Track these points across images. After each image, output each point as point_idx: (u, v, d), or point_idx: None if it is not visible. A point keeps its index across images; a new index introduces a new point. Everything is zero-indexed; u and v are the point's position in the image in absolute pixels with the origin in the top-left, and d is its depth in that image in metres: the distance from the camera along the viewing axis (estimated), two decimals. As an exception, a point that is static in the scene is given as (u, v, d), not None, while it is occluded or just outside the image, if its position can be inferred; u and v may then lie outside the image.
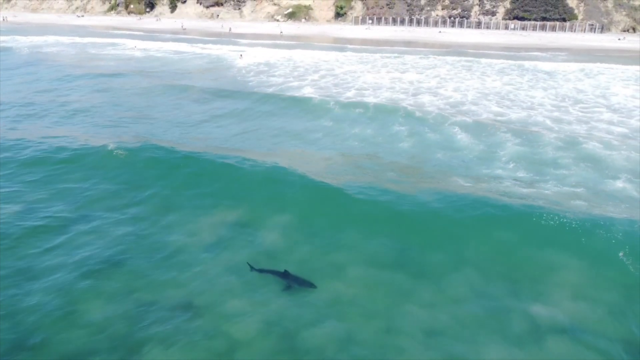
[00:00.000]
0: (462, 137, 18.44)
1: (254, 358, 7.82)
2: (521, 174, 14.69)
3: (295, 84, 29.81)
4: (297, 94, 27.13)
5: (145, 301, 9.09)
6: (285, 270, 9.59)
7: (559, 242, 10.97)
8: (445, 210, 12.27)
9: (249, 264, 9.98)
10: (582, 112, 23.57)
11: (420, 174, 14.91)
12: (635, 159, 15.31)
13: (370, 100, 25.36)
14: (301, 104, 24.34)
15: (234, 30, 75.72)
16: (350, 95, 27.40)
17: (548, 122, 20.36)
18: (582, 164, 14.97)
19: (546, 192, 13.41)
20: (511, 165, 15.38)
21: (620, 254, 10.53)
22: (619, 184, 13.76)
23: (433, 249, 10.80)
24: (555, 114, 22.74)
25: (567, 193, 13.36)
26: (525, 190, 13.52)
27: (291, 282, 9.47)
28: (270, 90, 28.57)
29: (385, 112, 22.42)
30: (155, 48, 52.78)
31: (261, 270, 9.90)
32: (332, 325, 8.50)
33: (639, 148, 15.87)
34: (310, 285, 9.40)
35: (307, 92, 27.75)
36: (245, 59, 42.73)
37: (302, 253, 10.76)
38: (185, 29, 78.37)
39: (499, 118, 21.84)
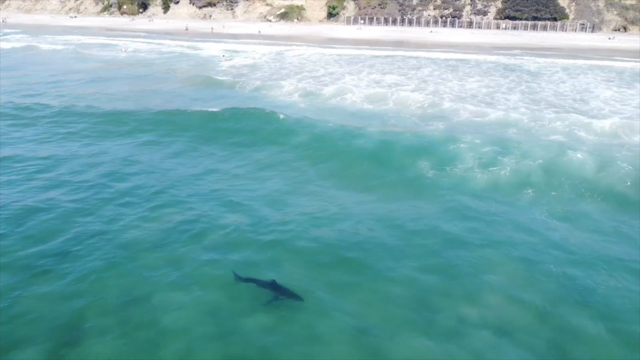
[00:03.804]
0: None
1: (183, 346, 8.02)
2: (467, 182, 14.84)
3: (273, 92, 29.18)
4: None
5: (89, 291, 9.31)
6: (273, 281, 9.40)
7: (495, 240, 11.26)
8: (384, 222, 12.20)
9: (234, 273, 9.78)
10: (554, 114, 23.20)
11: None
12: (587, 169, 15.23)
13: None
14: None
15: (226, 31, 75.40)
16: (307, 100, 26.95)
17: (514, 130, 19.99)
18: (529, 170, 15.20)
19: (487, 196, 13.68)
20: (455, 171, 15.58)
21: (553, 254, 10.65)
22: (560, 191, 13.94)
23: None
24: (525, 120, 22.20)
25: (506, 195, 13.68)
26: (465, 194, 13.88)
27: (279, 293, 9.25)
28: (246, 91, 28.71)
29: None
30: (148, 49, 52.78)
31: (247, 280, 9.63)
32: (263, 318, 8.67)
33: (596, 159, 15.74)
34: (297, 298, 9.16)
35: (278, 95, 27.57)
36: (232, 59, 42.59)
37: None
38: (188, 29, 77.93)
39: (460, 123, 21.57)
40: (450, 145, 17.65)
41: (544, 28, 71.43)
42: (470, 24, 75.80)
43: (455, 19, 77.17)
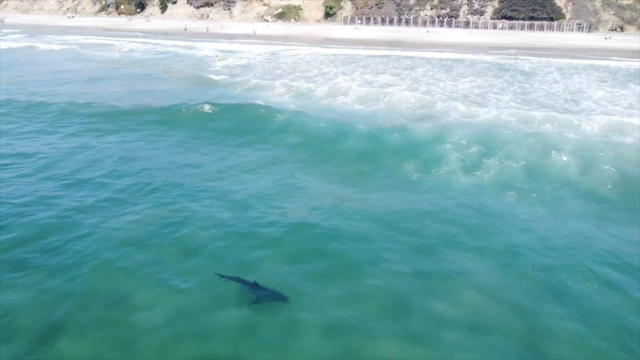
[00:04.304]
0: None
1: (160, 345, 8.07)
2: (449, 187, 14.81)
3: (264, 93, 29.02)
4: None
5: (68, 288, 9.36)
6: (255, 282, 9.37)
7: (476, 240, 11.30)
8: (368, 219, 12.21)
9: (217, 274, 9.75)
10: (544, 115, 23.02)
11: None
12: (571, 171, 15.23)
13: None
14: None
15: (224, 31, 75.21)
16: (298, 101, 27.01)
17: (502, 131, 19.80)
18: (506, 173, 15.14)
19: (470, 196, 13.66)
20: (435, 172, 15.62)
21: (529, 255, 10.67)
22: (538, 193, 13.93)
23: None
24: (513, 121, 22.00)
25: (489, 196, 13.61)
26: (448, 194, 13.88)
27: (261, 294, 9.20)
28: (237, 91, 28.79)
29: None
30: (143, 49, 52.73)
31: (230, 279, 9.61)
32: (238, 315, 8.72)
33: (581, 160, 15.72)
34: (282, 298, 9.11)
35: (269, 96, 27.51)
36: (226, 60, 42.53)
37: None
38: (187, 29, 77.87)
39: (444, 124, 21.42)
40: (437, 146, 17.69)
41: (541, 28, 71.36)
42: (467, 24, 75.74)
43: (452, 19, 77.11)
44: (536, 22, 71.79)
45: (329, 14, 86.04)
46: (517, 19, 72.69)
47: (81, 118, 22.36)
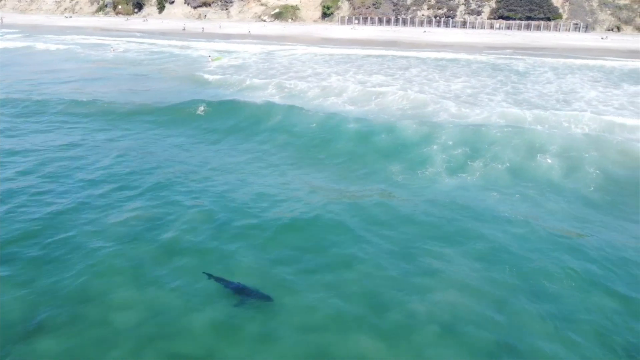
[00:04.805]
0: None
1: (137, 344, 8.06)
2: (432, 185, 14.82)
3: (255, 93, 28.94)
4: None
5: (43, 288, 9.30)
6: (239, 283, 9.36)
7: (457, 240, 11.28)
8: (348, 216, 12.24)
9: (205, 273, 9.74)
10: (533, 116, 23.00)
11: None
12: (556, 172, 15.21)
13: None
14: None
15: (221, 31, 75.21)
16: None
17: (490, 132, 19.79)
18: (488, 174, 15.21)
19: (453, 197, 13.62)
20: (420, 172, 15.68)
21: (509, 252, 10.72)
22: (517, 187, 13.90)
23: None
24: (502, 122, 21.75)
25: (473, 196, 13.61)
26: (432, 194, 13.82)
27: (245, 294, 9.18)
28: (229, 91, 28.83)
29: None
30: (138, 49, 52.70)
31: (215, 279, 9.58)
32: (213, 316, 8.69)
33: (567, 162, 15.71)
34: (266, 298, 9.09)
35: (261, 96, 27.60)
36: (221, 59, 42.55)
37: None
38: (185, 29, 77.88)
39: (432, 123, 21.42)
40: (424, 147, 17.71)
41: (538, 28, 71.39)
42: (464, 24, 75.76)
43: (449, 18, 77.13)
44: (533, 22, 71.83)
45: (326, 14, 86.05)
46: (514, 19, 72.73)
47: (74, 117, 22.37)
